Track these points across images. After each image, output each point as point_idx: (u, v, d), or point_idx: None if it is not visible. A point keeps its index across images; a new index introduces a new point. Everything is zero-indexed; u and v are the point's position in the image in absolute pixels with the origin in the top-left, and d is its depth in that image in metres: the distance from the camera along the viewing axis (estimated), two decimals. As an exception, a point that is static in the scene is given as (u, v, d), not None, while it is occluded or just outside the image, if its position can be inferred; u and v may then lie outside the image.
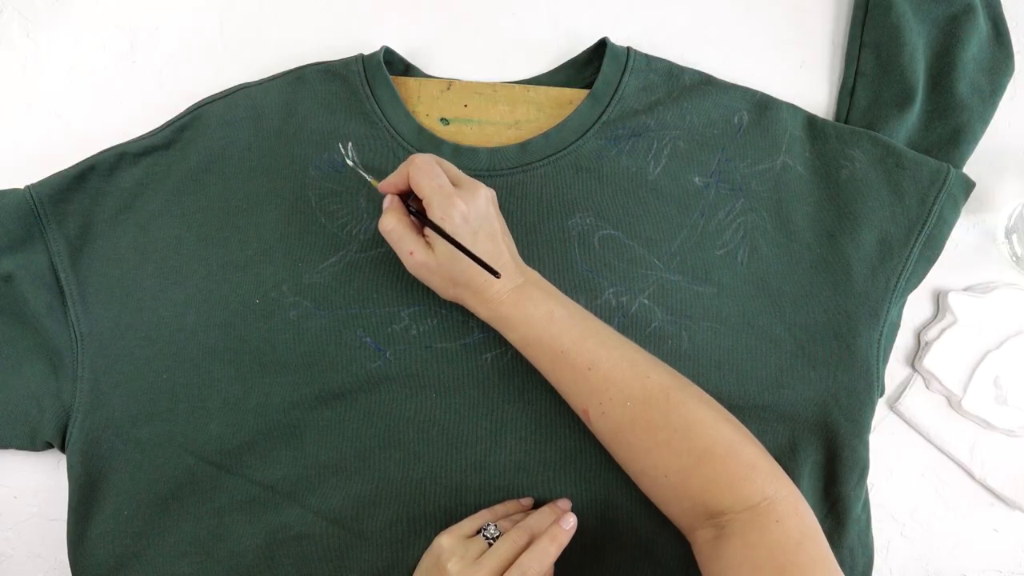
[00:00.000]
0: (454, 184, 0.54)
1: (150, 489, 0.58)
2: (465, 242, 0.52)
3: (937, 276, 0.63)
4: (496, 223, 0.55)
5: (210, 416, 0.59)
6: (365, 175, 0.58)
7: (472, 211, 0.53)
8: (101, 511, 0.58)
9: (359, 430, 0.59)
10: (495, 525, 0.53)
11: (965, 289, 0.65)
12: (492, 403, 0.59)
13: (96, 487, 0.58)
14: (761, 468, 0.50)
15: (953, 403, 0.63)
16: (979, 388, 0.62)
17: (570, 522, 0.53)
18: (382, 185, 0.56)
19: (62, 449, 0.59)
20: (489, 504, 0.57)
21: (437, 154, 0.62)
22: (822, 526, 0.49)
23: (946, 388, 0.62)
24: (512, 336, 0.55)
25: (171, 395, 0.59)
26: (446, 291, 0.55)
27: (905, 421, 0.64)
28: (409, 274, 0.60)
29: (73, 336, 0.59)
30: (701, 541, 0.51)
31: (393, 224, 0.54)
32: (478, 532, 0.53)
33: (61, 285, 0.59)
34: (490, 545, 0.51)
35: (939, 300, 0.65)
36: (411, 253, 0.54)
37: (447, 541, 0.52)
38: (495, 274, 0.51)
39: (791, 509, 0.49)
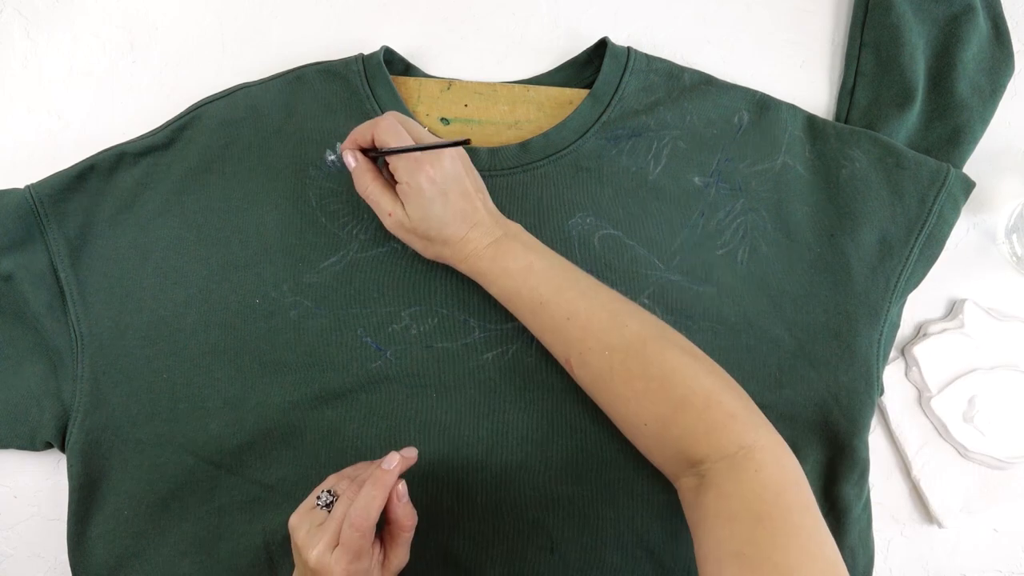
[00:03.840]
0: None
1: (150, 489, 0.58)
2: (435, 204, 0.53)
3: (937, 276, 0.63)
4: (467, 181, 0.55)
5: (210, 416, 0.59)
6: (334, 158, 0.59)
7: (438, 173, 0.53)
8: (101, 511, 0.58)
9: (359, 430, 0.59)
10: (328, 491, 0.50)
11: (988, 309, 0.64)
12: (493, 403, 0.59)
13: (96, 487, 0.58)
14: (740, 417, 0.49)
15: (923, 398, 0.63)
16: (953, 396, 0.61)
17: (393, 460, 0.49)
18: (344, 143, 0.56)
19: (62, 449, 0.59)
20: (490, 504, 0.57)
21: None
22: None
23: (923, 380, 0.62)
24: (492, 290, 0.55)
25: (171, 395, 0.59)
26: (426, 250, 0.56)
27: None
28: (409, 274, 0.60)
29: (73, 336, 0.59)
30: (684, 490, 0.50)
31: (369, 184, 0.55)
32: None
33: (61, 285, 0.59)
34: (329, 511, 0.49)
35: (955, 303, 0.65)
36: (390, 214, 0.54)
37: (294, 519, 0.49)
38: (461, 142, 0.50)
39: (771, 458, 0.48)
